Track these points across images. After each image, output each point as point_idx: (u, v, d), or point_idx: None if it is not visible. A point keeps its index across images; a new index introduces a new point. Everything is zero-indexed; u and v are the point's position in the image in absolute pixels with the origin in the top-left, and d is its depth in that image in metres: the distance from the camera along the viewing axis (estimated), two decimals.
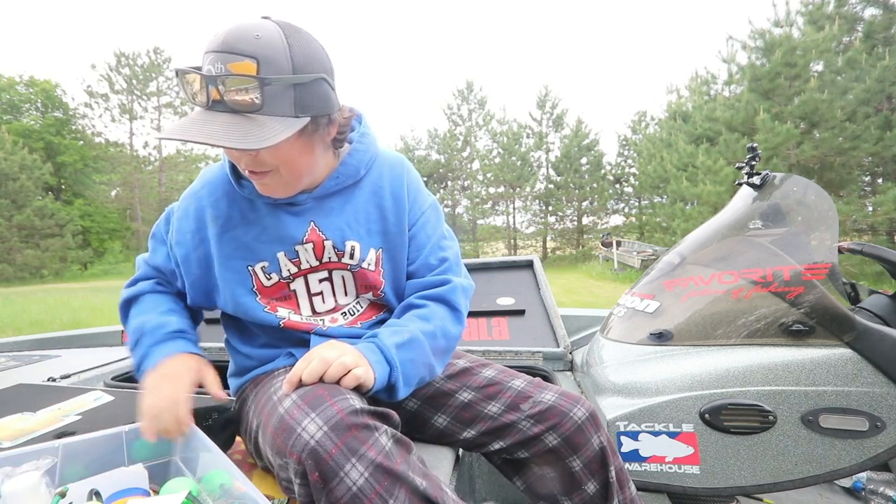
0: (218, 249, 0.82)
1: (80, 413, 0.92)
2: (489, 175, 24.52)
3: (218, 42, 0.66)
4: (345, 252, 0.84)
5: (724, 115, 10.85)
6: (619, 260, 15.04)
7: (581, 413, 0.80)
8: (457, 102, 26.12)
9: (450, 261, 0.92)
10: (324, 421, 0.58)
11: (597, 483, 0.79)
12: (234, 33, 0.66)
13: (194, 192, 0.85)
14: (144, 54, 26.75)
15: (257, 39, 0.66)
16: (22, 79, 26.28)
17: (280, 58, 0.66)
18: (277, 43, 0.67)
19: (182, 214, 0.85)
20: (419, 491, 0.59)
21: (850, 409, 0.97)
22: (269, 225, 0.81)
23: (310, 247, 0.82)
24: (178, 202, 0.88)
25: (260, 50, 0.65)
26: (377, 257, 0.87)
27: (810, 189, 1.20)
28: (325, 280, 0.86)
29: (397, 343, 0.76)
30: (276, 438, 0.61)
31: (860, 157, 9.96)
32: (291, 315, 0.84)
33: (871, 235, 10.46)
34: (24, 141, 22.14)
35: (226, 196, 0.82)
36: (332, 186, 0.82)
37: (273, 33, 0.67)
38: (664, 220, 15.43)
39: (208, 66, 0.66)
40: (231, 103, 0.66)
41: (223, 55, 0.65)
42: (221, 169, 0.84)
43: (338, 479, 0.56)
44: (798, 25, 10.51)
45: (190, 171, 28.54)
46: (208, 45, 0.67)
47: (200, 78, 0.66)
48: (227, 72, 0.65)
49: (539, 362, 1.50)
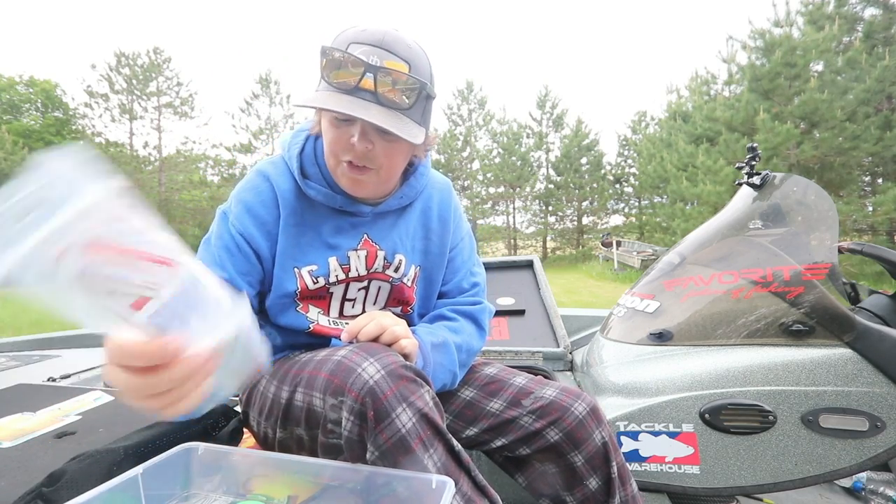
0: (280, 242, 0.81)
1: (80, 413, 0.92)
2: (489, 175, 24.52)
3: (375, 38, 0.69)
4: (392, 264, 0.86)
5: (724, 115, 10.86)
6: (619, 260, 15.04)
7: (582, 408, 0.80)
8: (457, 102, 26.13)
9: (480, 286, 0.98)
10: (382, 366, 0.62)
11: (599, 479, 0.79)
12: (392, 36, 0.70)
13: (262, 180, 0.81)
14: (144, 54, 26.75)
15: (409, 48, 0.72)
16: (22, 79, 26.29)
17: (425, 69, 0.73)
18: (422, 54, 0.74)
19: (255, 202, 0.80)
20: (454, 450, 0.63)
21: (850, 409, 0.97)
22: (326, 231, 0.82)
23: (363, 254, 0.84)
24: (231, 201, 0.82)
25: (412, 57, 0.71)
26: (415, 274, 0.89)
27: (810, 189, 1.20)
28: (362, 289, 0.87)
29: (433, 343, 0.80)
30: (334, 379, 0.63)
31: (860, 157, 9.97)
32: (321, 317, 0.85)
33: (871, 235, 10.46)
34: (24, 141, 22.13)
35: (291, 191, 0.82)
36: (394, 204, 0.85)
37: (418, 47, 0.74)
38: (664, 220, 15.44)
39: (360, 55, 0.68)
40: (382, 96, 0.69)
41: (380, 51, 0.69)
42: (284, 165, 0.83)
43: (389, 419, 0.59)
44: (798, 25, 10.51)
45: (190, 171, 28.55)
46: (355, 37, 0.70)
47: (359, 63, 0.68)
48: (384, 66, 0.68)
49: (539, 362, 1.50)
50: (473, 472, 0.64)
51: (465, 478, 0.63)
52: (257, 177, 0.82)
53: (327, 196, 0.80)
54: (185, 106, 28.61)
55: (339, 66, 0.69)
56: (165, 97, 27.91)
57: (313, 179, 0.81)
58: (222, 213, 0.83)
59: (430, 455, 0.60)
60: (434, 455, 0.61)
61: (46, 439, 0.80)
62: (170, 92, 27.88)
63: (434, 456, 0.61)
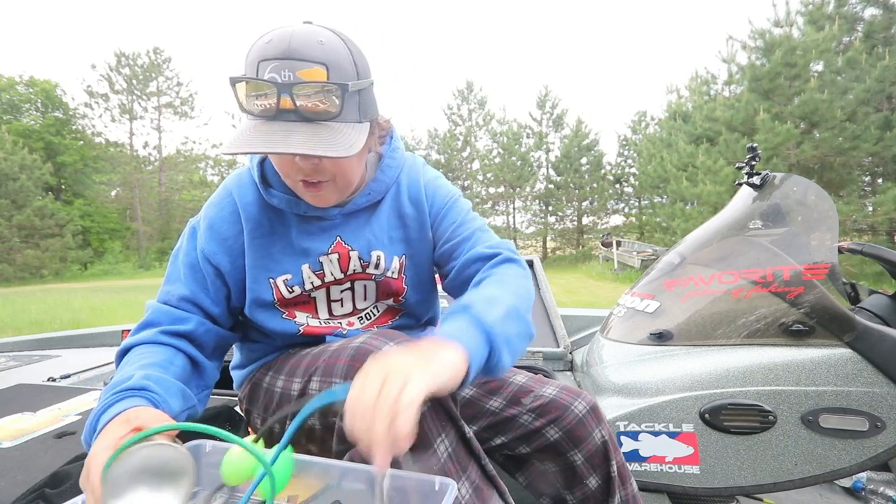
0: (248, 255, 0.80)
1: (80, 413, 0.92)
2: (489, 175, 24.52)
3: (280, 49, 0.63)
4: (370, 263, 0.83)
5: (724, 115, 10.85)
6: (619, 260, 15.03)
7: (582, 406, 0.80)
8: (457, 102, 26.15)
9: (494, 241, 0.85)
10: (401, 348, 0.60)
11: (598, 477, 0.79)
12: (298, 39, 0.63)
13: (226, 194, 0.81)
14: (144, 54, 26.77)
15: (322, 45, 0.65)
16: (22, 79, 26.28)
17: (345, 63, 0.66)
18: (340, 48, 0.66)
19: (216, 218, 0.80)
20: (465, 437, 0.63)
21: (850, 409, 0.97)
22: (296, 237, 0.80)
23: (335, 257, 0.81)
24: (200, 216, 0.83)
25: (327, 56, 0.64)
26: (400, 265, 0.86)
27: (810, 189, 1.20)
28: (346, 290, 0.85)
29: (492, 321, 0.63)
30: (355, 364, 0.62)
31: (860, 157, 9.96)
32: (310, 320, 0.84)
33: (871, 235, 10.45)
34: (24, 141, 22.14)
35: (256, 203, 0.80)
36: (362, 203, 0.82)
37: (333, 39, 0.66)
38: (664, 220, 15.43)
39: (271, 73, 0.63)
40: (305, 111, 0.64)
41: (289, 62, 0.62)
42: (248, 176, 0.82)
43: None
44: (798, 25, 10.50)
45: (189, 171, 28.54)
46: (261, 53, 0.64)
47: (268, 86, 0.63)
48: (297, 79, 0.62)
49: (539, 362, 1.50)
50: (484, 461, 0.64)
51: (475, 466, 0.63)
52: (222, 190, 0.82)
53: (290, 203, 0.78)
54: (185, 106, 28.62)
55: (254, 91, 0.64)
56: (165, 97, 27.93)
57: (276, 187, 0.79)
58: (191, 229, 0.82)
59: (442, 440, 0.60)
60: (446, 440, 0.60)
61: (46, 439, 0.80)
62: (170, 92, 27.90)
63: (446, 441, 0.60)
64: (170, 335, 0.73)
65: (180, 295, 0.77)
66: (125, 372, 0.65)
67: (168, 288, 0.78)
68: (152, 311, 0.76)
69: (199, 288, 0.78)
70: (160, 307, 0.76)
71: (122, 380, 0.62)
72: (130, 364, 0.67)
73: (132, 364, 0.67)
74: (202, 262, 0.78)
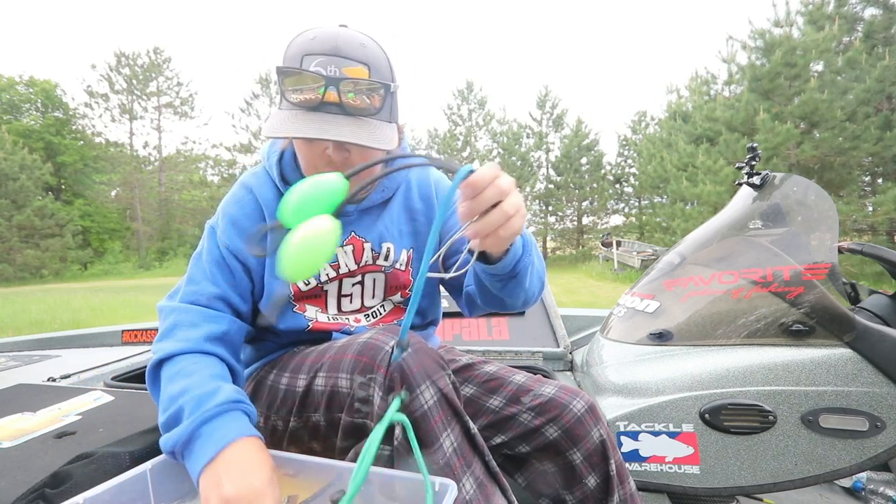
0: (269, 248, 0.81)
1: (80, 413, 0.92)
2: None
3: (328, 46, 0.68)
4: (381, 254, 0.86)
5: (724, 115, 10.85)
6: (619, 260, 15.03)
7: (581, 405, 0.81)
8: (457, 102, 26.14)
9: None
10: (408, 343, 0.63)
11: (597, 477, 0.80)
12: (344, 39, 0.69)
13: (246, 192, 0.83)
14: (144, 54, 26.78)
15: (364, 47, 0.70)
16: (22, 79, 26.29)
17: (383, 66, 0.72)
18: (378, 52, 0.72)
19: (239, 215, 0.81)
20: (470, 432, 0.64)
21: (850, 409, 0.97)
22: None
23: (349, 249, 0.84)
24: (218, 215, 0.83)
25: (368, 57, 0.70)
26: (408, 257, 0.89)
27: (810, 189, 1.20)
28: (357, 283, 0.87)
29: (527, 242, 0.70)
30: (362, 359, 0.65)
31: (860, 157, 9.95)
32: (319, 314, 0.85)
33: (871, 235, 10.45)
34: (24, 141, 22.15)
35: (276, 199, 0.82)
36: (377, 199, 0.86)
37: (371, 43, 0.72)
38: (664, 220, 15.43)
39: (316, 67, 0.67)
40: (348, 105, 0.68)
41: (336, 59, 0.67)
42: (265, 175, 0.84)
43: (415, 394, 0.60)
44: (798, 25, 10.50)
45: (189, 171, 28.52)
46: (305, 48, 0.68)
47: (316, 78, 0.66)
48: (343, 75, 0.67)
49: (539, 362, 1.50)
50: (487, 458, 0.65)
51: (479, 462, 0.64)
52: (241, 189, 0.83)
53: None
54: (184, 106, 28.61)
55: (299, 83, 0.68)
56: (165, 97, 27.93)
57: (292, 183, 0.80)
58: (210, 228, 0.83)
59: (447, 434, 0.61)
60: (451, 435, 0.61)
61: (46, 439, 0.80)
62: (170, 92, 27.90)
63: (451, 436, 0.61)
64: (212, 342, 0.73)
65: (211, 293, 0.77)
66: (199, 381, 0.65)
67: (194, 288, 0.78)
68: (182, 312, 0.74)
69: (228, 285, 0.79)
70: (189, 308, 0.75)
71: (209, 392, 0.62)
72: (196, 374, 0.66)
73: (199, 374, 0.66)
74: (228, 259, 0.79)
